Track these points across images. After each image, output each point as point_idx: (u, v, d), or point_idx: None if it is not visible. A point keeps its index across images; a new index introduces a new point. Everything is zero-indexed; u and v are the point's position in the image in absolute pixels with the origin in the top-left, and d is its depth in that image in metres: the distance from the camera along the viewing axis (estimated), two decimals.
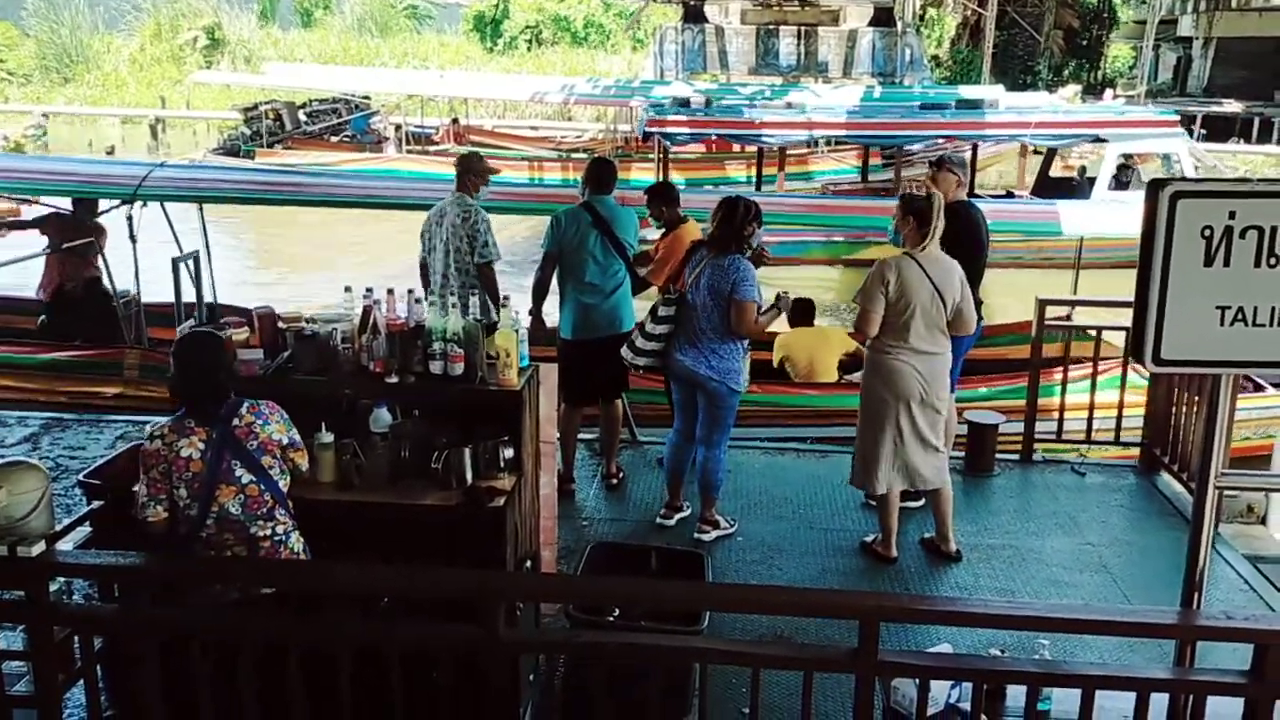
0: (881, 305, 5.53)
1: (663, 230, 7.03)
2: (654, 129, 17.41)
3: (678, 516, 6.31)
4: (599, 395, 6.80)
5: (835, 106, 18.47)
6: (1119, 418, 7.31)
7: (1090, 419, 7.33)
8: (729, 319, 5.79)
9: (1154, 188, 3.15)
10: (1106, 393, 7.37)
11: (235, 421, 3.83)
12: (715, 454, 6.10)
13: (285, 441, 3.94)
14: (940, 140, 17.76)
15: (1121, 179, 16.73)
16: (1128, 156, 17.00)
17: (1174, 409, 6.88)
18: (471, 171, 6.78)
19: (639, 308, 6.67)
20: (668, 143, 17.57)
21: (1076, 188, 17.17)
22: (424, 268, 6.92)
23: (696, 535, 6.16)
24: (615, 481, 6.82)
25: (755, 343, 6.26)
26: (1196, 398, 6.39)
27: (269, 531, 3.87)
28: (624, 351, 6.14)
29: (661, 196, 7.05)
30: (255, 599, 3.83)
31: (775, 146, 18.03)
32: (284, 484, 3.93)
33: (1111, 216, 10.77)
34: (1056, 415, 7.43)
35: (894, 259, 5.60)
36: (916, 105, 18.14)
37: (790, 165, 20.90)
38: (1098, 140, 16.81)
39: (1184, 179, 3.19)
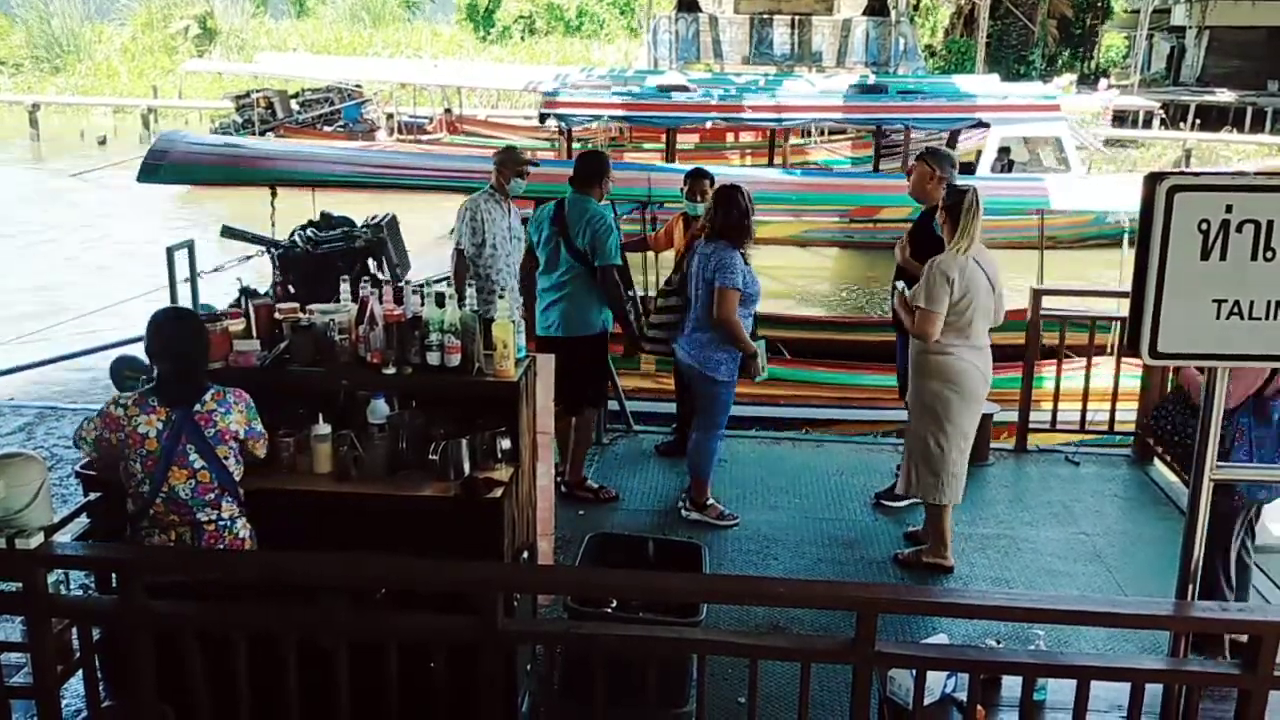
0: (946, 306, 5.37)
1: (695, 215, 6.76)
2: (549, 110, 17.73)
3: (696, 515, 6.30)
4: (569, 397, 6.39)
5: (739, 91, 18.81)
6: (1113, 408, 7.34)
7: (1084, 409, 7.36)
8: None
9: (1151, 181, 3.16)
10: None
11: (198, 407, 3.85)
12: (702, 439, 6.17)
13: (243, 433, 3.96)
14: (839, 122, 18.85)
15: (1003, 161, 17.25)
16: (1026, 140, 17.62)
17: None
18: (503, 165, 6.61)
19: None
20: (563, 124, 17.82)
21: (975, 172, 17.46)
22: (465, 260, 6.51)
23: (681, 510, 6.28)
24: (564, 490, 6.37)
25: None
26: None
27: (213, 517, 3.91)
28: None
29: (703, 178, 6.92)
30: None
31: (672, 129, 18.36)
32: (238, 473, 3.97)
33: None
34: (1051, 405, 7.45)
35: (950, 257, 5.41)
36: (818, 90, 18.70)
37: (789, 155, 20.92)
38: (980, 125, 17.19)
39: (1182, 172, 3.19)
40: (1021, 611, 3.62)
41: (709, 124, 19.82)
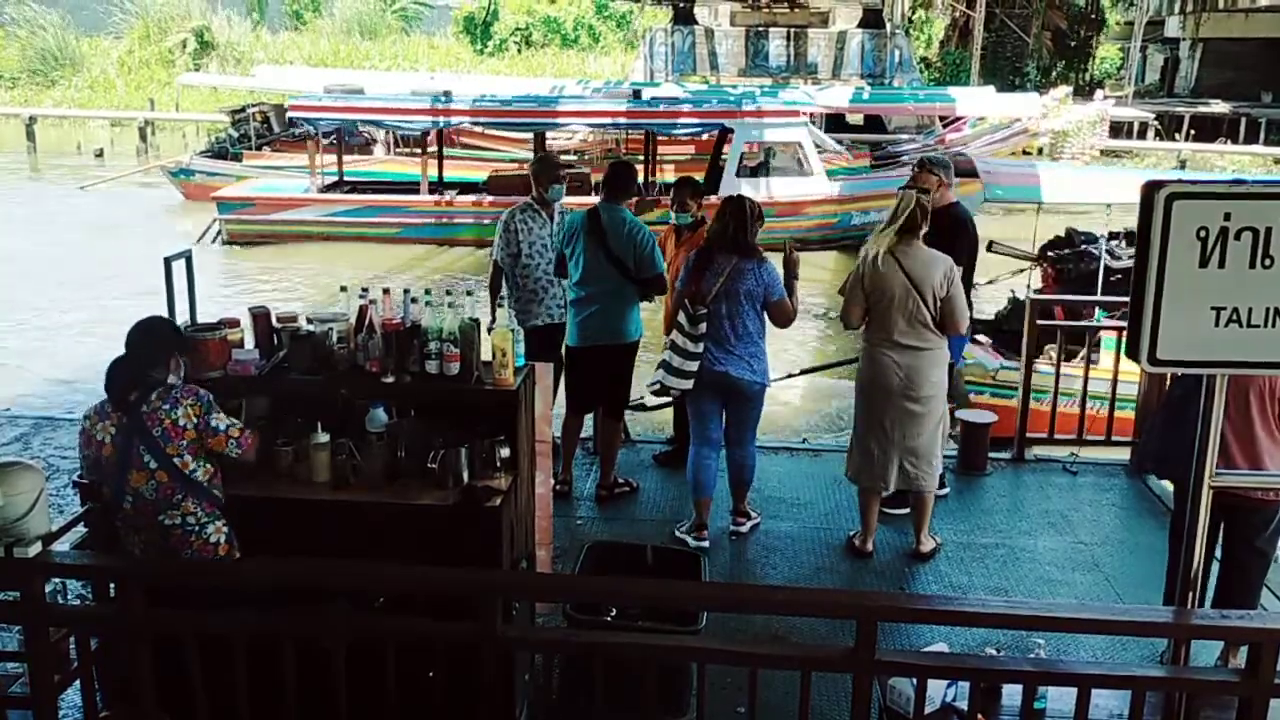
0: (859, 298, 5.69)
1: (684, 226, 6.83)
2: (296, 114, 18.58)
3: (709, 539, 6.11)
4: (598, 405, 6.77)
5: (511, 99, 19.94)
6: (1110, 416, 7.35)
7: (1082, 417, 7.36)
8: (762, 321, 5.90)
9: (1150, 189, 3.17)
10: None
11: (144, 408, 3.86)
12: (750, 450, 6.19)
13: (193, 426, 3.90)
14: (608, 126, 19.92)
15: (747, 165, 18.50)
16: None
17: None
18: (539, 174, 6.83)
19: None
20: (310, 128, 18.54)
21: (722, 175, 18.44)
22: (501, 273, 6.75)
23: (733, 529, 6.22)
24: (605, 494, 6.64)
25: None
26: None
27: (177, 521, 3.91)
28: (663, 378, 5.93)
29: (692, 189, 6.94)
30: None
31: (416, 133, 19.25)
32: (202, 474, 3.95)
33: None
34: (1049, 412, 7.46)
35: (869, 251, 5.73)
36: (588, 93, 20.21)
37: None
38: (725, 130, 18.24)
39: (1180, 180, 3.19)
40: (1022, 619, 3.63)
41: (471, 125, 20.78)
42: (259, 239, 18.79)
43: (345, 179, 19.82)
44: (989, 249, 10.06)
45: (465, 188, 19.38)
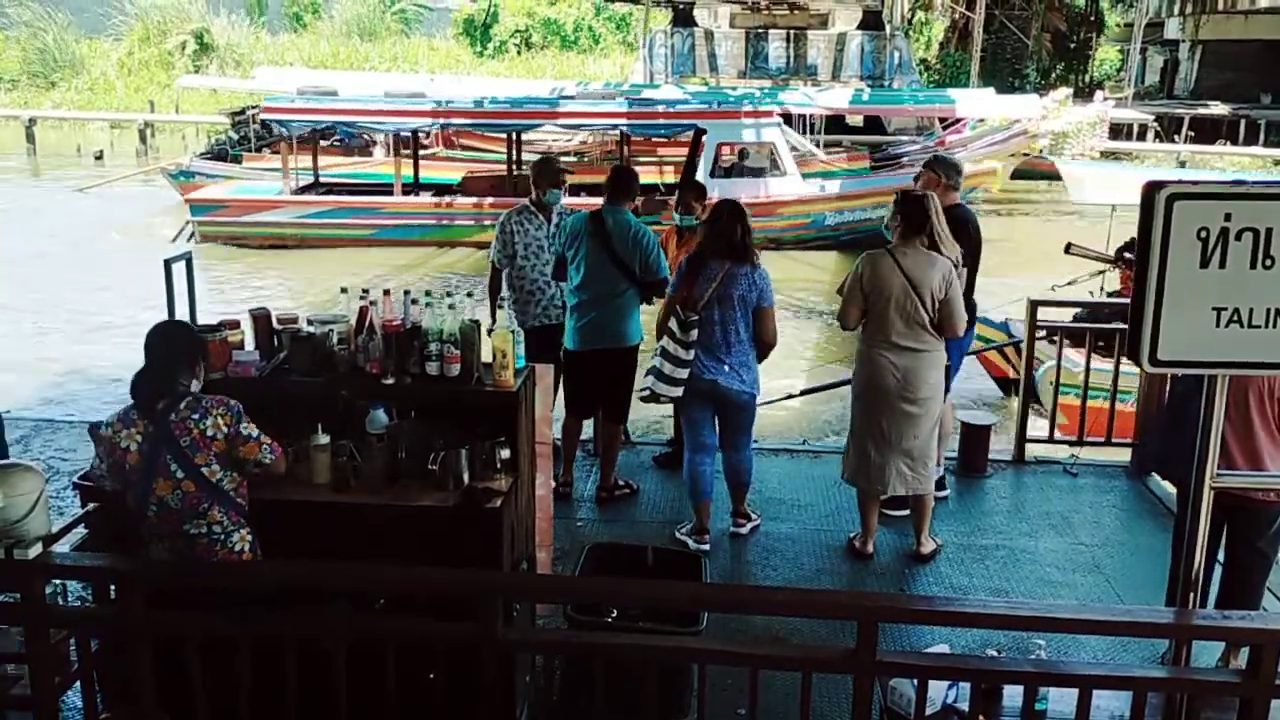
0: (858, 298, 5.66)
1: (686, 227, 6.89)
2: (270, 116, 18.82)
3: (709, 542, 6.09)
4: (599, 408, 6.77)
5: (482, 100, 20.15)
6: (1110, 418, 7.34)
7: (1083, 419, 7.36)
8: (752, 329, 5.84)
9: (1151, 190, 3.17)
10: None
11: (173, 416, 3.80)
12: (746, 455, 6.15)
13: (223, 435, 3.82)
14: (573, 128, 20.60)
15: (722, 165, 18.76)
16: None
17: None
18: (538, 176, 6.89)
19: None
20: (283, 130, 18.65)
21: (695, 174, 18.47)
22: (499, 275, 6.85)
23: (733, 530, 6.22)
24: (606, 495, 6.64)
25: None
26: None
27: (202, 530, 3.84)
28: (653, 386, 5.86)
29: (695, 191, 7.03)
30: None
31: (397, 134, 19.54)
32: (228, 482, 3.89)
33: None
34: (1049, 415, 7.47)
35: (870, 253, 5.72)
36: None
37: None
38: (699, 131, 18.16)
39: (1180, 181, 3.19)
40: (1022, 620, 3.63)
41: (440, 129, 21.29)
42: (232, 241, 18.79)
43: (322, 180, 19.83)
44: (1066, 250, 10.26)
45: (445, 189, 19.41)
